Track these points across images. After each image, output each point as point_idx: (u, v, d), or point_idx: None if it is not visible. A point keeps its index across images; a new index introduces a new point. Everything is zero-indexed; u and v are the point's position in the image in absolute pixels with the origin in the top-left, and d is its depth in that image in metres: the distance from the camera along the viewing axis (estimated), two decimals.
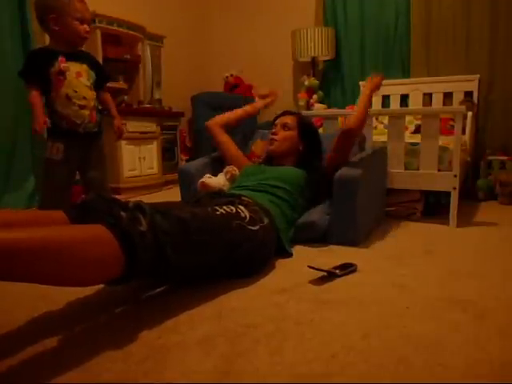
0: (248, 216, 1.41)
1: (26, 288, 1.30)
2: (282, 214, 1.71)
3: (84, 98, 2.05)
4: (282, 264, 1.56)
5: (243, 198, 1.61)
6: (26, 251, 0.83)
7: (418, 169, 2.30)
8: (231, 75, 4.57)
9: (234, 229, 1.33)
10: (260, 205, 1.58)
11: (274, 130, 2.06)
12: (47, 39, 2.93)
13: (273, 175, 1.87)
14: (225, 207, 1.39)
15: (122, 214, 1.05)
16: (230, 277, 1.37)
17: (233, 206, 1.43)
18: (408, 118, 2.69)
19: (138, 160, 3.43)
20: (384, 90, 3.80)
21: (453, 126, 2.38)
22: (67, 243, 0.90)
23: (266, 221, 1.50)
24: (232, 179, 2.06)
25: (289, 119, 2.06)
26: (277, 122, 2.10)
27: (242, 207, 1.45)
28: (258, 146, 2.40)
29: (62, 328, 1.06)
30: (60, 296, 1.25)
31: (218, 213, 1.34)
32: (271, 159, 2.08)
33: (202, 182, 2.05)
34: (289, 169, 1.95)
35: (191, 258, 1.17)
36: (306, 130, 2.07)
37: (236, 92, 4.53)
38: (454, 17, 3.52)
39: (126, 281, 1.04)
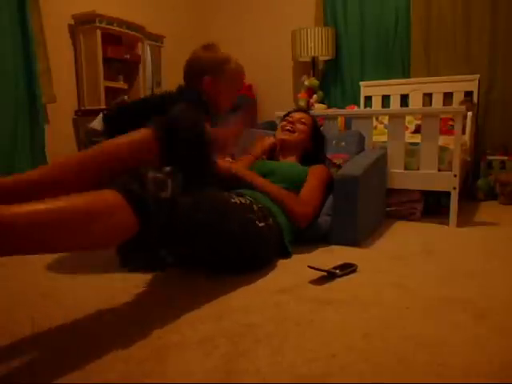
0: (257, 211, 1.44)
1: (26, 287, 1.31)
2: (283, 213, 1.70)
3: None
4: (282, 264, 1.56)
5: (247, 197, 1.61)
6: (39, 225, 0.82)
7: (418, 169, 2.30)
8: None
9: (243, 220, 1.34)
10: (263, 204, 1.58)
11: (288, 121, 2.06)
12: (47, 38, 2.95)
13: (277, 178, 1.83)
14: (240, 198, 1.41)
15: (151, 174, 1.02)
16: (232, 273, 1.38)
17: (243, 198, 1.45)
18: (408, 118, 2.69)
19: None
20: (384, 90, 3.81)
21: (453, 126, 2.38)
22: (81, 214, 0.90)
23: (270, 220, 1.51)
24: None
25: (304, 117, 2.09)
26: (292, 115, 2.11)
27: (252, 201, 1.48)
28: None
29: (63, 328, 1.06)
30: (60, 296, 1.25)
31: (232, 200, 1.36)
32: (274, 152, 2.07)
33: None
34: (293, 166, 1.96)
35: (197, 234, 1.18)
36: (318, 132, 2.11)
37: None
38: (454, 16, 3.53)
39: (137, 250, 1.07)
